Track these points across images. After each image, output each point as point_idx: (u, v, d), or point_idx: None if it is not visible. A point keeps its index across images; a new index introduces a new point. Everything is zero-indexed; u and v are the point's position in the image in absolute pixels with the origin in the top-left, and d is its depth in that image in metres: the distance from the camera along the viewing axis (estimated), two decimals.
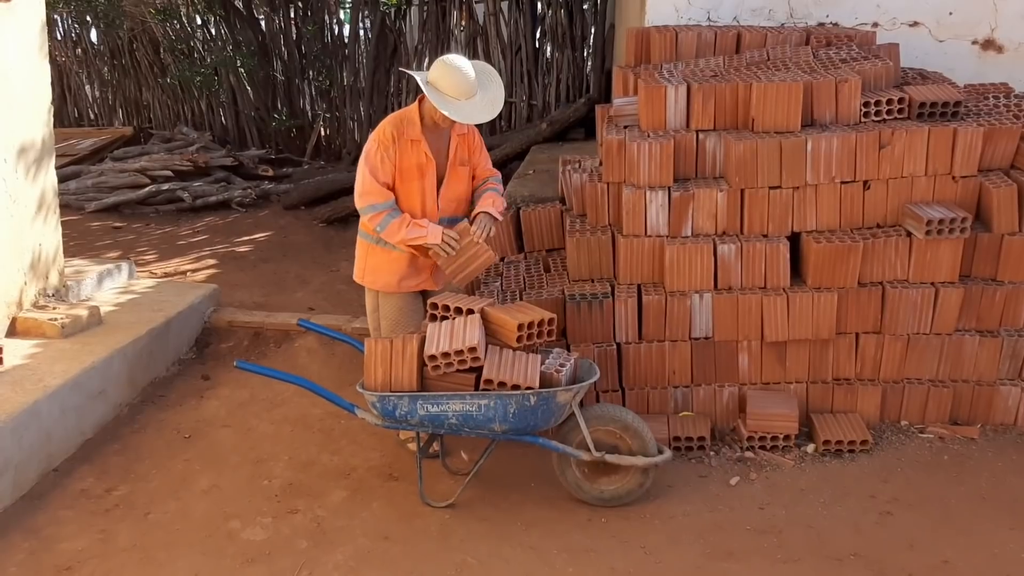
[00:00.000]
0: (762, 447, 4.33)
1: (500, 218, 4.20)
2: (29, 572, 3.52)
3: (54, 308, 5.01)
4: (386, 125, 4.09)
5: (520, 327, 3.81)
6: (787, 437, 4.32)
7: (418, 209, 4.11)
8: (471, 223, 4.11)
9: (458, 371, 3.69)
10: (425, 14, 9.60)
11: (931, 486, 4.07)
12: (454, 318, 3.85)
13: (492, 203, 4.18)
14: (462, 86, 3.90)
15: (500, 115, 9.29)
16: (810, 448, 4.35)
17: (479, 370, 3.70)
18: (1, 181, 4.74)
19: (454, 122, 3.98)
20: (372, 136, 4.10)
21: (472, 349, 3.65)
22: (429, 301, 3.99)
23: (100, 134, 10.28)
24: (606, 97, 8.31)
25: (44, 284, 5.10)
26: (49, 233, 5.15)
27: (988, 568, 3.51)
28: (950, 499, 3.97)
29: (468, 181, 4.26)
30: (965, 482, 4.10)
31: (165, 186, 8.53)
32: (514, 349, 3.83)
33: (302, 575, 3.51)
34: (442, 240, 4.00)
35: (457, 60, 3.98)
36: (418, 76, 3.98)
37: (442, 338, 3.72)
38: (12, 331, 4.81)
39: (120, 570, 3.54)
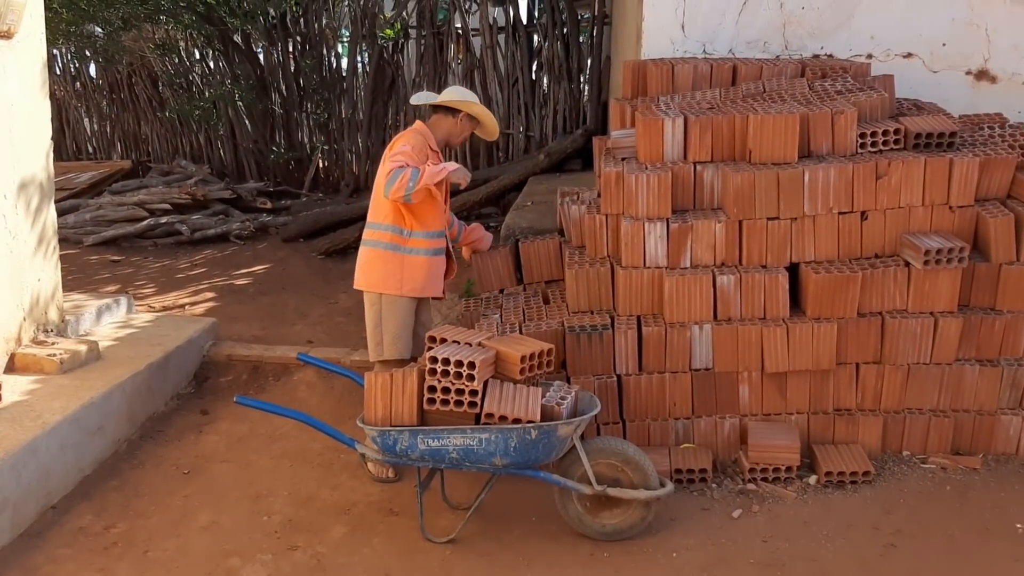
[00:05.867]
0: (764, 479, 4.31)
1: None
2: None
3: (53, 343, 5.00)
4: (413, 134, 4.40)
5: (523, 359, 3.80)
6: (789, 469, 4.30)
7: (440, 219, 4.47)
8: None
9: (456, 400, 3.68)
10: (423, 47, 9.67)
11: (934, 517, 4.05)
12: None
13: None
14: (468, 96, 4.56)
15: (498, 145, 9.38)
16: (812, 479, 4.33)
17: (479, 405, 3.69)
18: (1, 217, 4.75)
19: (466, 139, 4.80)
20: (403, 140, 4.36)
21: (472, 364, 3.64)
22: (428, 335, 3.97)
23: (98, 168, 10.32)
24: (603, 128, 8.36)
25: (43, 319, 5.09)
26: (48, 269, 5.15)
27: None
28: (953, 530, 3.95)
29: None
30: (968, 513, 4.08)
31: (163, 219, 8.55)
32: (515, 382, 3.82)
33: None
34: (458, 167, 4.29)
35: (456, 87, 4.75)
36: (442, 96, 4.51)
37: (447, 349, 3.76)
38: (11, 367, 4.80)
39: None
